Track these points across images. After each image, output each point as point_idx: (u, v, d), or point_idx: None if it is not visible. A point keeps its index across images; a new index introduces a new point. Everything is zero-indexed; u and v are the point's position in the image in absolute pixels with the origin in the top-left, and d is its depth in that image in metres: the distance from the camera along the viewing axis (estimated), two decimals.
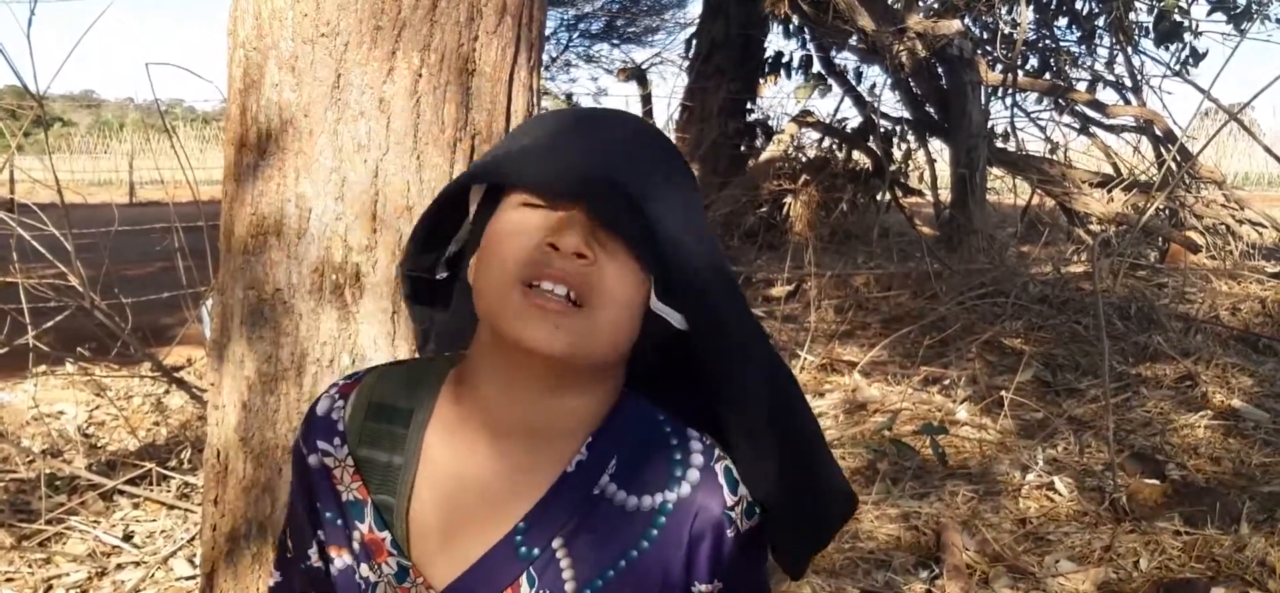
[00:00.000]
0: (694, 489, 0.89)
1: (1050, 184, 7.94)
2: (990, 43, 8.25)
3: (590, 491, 0.89)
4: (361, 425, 0.94)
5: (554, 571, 0.89)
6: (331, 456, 0.94)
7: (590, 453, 0.90)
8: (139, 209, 11.56)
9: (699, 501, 0.89)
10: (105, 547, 2.89)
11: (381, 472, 0.92)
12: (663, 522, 0.89)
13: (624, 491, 0.90)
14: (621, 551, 0.89)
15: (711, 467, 0.90)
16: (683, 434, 0.92)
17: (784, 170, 8.84)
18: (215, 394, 1.71)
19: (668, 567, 0.89)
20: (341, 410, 0.95)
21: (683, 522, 0.89)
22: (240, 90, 1.61)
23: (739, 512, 0.90)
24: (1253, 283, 6.44)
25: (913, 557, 2.90)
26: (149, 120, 23.51)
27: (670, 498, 0.89)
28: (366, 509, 0.92)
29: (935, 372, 4.71)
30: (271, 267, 1.60)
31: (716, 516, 0.89)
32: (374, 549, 0.92)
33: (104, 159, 23.04)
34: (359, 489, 0.92)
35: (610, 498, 0.89)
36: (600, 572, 0.89)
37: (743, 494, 0.91)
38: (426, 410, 0.93)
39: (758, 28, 9.07)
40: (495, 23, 1.59)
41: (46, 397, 4.13)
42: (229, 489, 1.71)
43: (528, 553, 0.88)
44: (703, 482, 0.90)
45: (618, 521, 0.89)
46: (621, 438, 0.91)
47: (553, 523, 0.89)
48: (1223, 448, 3.71)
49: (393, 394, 0.94)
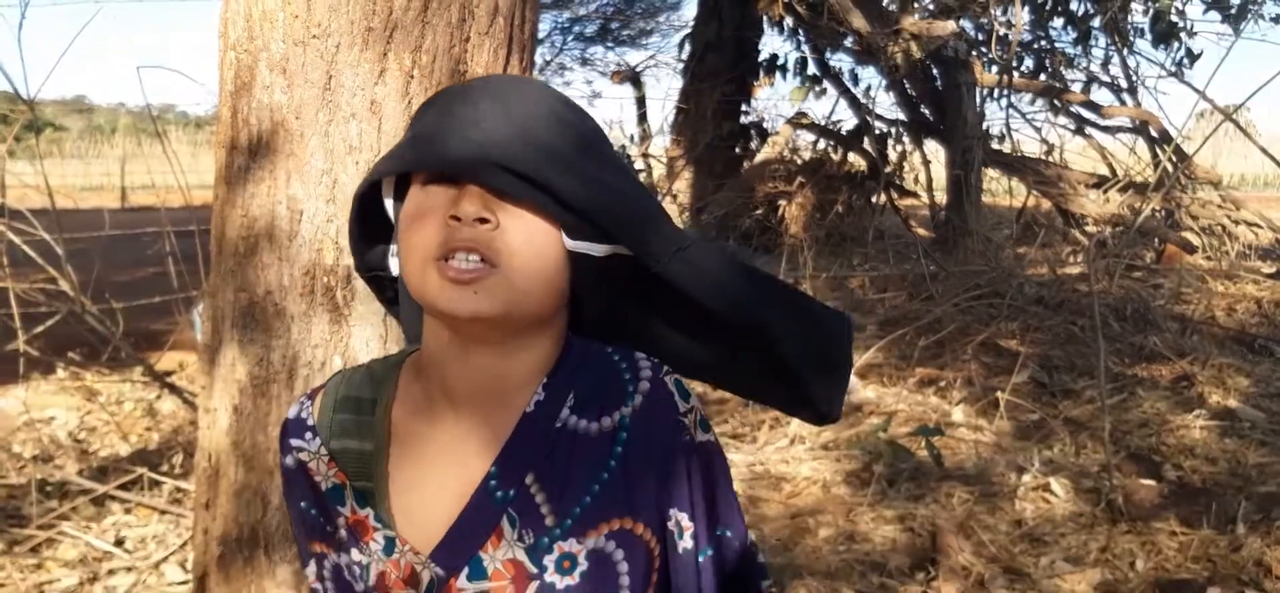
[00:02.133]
0: (645, 399, 0.93)
1: (1046, 185, 7.94)
2: (985, 44, 8.25)
3: (552, 425, 0.93)
4: (331, 420, 0.97)
5: (532, 508, 0.91)
6: (305, 450, 0.97)
7: (546, 393, 0.93)
8: (131, 214, 11.53)
9: (653, 411, 0.93)
10: (97, 552, 2.87)
11: (355, 459, 0.96)
12: (624, 437, 0.93)
13: (583, 419, 0.93)
14: (592, 475, 0.92)
15: (660, 379, 0.94)
16: (630, 357, 0.96)
17: (779, 172, 8.83)
18: (206, 398, 1.70)
19: (643, 480, 0.93)
20: (310, 409, 0.99)
21: (643, 433, 0.93)
22: (231, 92, 1.60)
23: (692, 420, 0.94)
24: (1249, 283, 6.44)
25: (909, 559, 2.89)
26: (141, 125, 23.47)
27: (625, 412, 0.93)
28: (346, 492, 0.96)
29: (931, 373, 4.71)
30: (263, 269, 1.59)
31: (671, 421, 0.93)
32: (360, 530, 0.95)
33: (96, 164, 22.98)
34: (336, 474, 0.96)
35: (573, 429, 0.93)
36: (578, 500, 0.92)
37: (695, 404, 0.95)
38: (389, 396, 0.97)
39: (752, 30, 9.07)
40: (487, 24, 1.58)
41: (37, 402, 4.11)
42: (221, 494, 1.70)
43: (504, 497, 0.92)
44: (653, 392, 0.94)
45: (583, 447, 0.93)
46: (575, 374, 0.94)
47: (521, 463, 0.92)
48: (1219, 448, 3.70)
49: (357, 388, 0.99)
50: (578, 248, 0.90)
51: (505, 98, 0.92)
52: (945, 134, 8.20)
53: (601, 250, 0.92)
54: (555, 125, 0.92)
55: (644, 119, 10.88)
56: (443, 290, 0.86)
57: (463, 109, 0.91)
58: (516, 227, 0.87)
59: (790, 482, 3.48)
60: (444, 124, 0.91)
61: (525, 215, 0.88)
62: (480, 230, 0.86)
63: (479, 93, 0.93)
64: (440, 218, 0.87)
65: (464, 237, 0.86)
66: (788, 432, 3.88)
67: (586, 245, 0.91)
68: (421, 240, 0.88)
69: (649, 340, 1.00)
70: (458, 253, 0.86)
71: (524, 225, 0.88)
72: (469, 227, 0.86)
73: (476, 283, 0.86)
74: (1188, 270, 6.96)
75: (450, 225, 0.87)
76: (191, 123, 21.07)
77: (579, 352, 0.96)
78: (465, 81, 0.95)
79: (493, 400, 0.93)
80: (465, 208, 0.86)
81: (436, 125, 0.91)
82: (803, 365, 0.96)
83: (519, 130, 0.90)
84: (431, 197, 0.89)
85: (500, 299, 0.87)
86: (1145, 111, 8.34)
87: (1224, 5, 7.75)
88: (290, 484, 0.99)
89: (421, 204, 0.89)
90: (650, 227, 0.92)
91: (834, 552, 2.92)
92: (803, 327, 0.96)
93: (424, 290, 0.88)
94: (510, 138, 0.89)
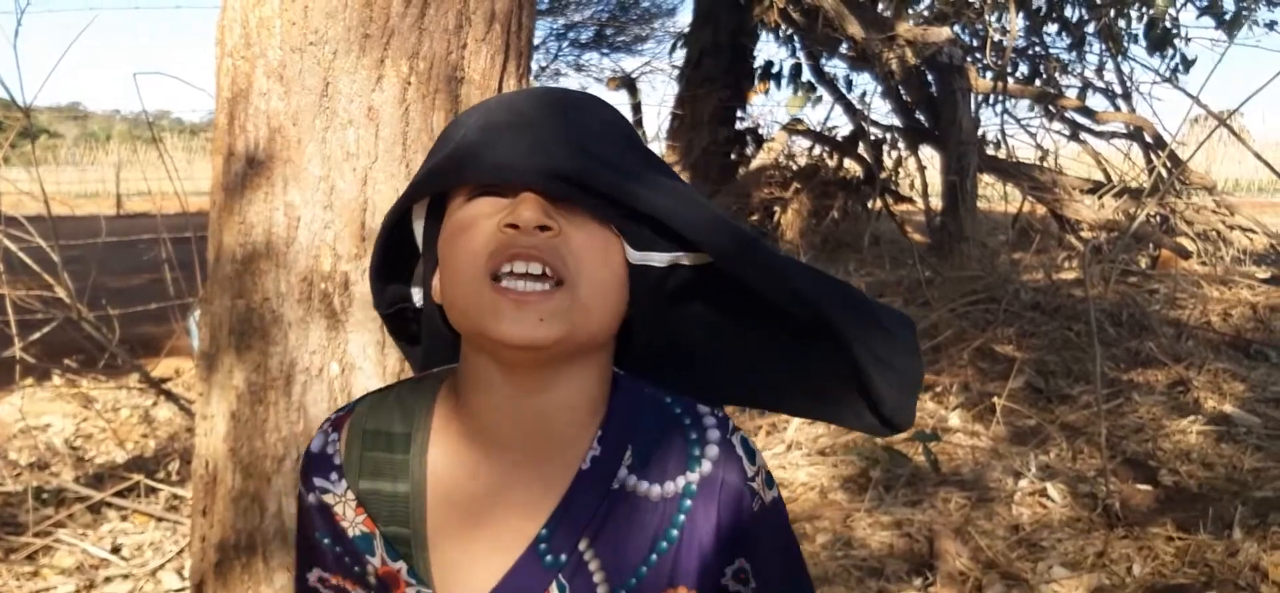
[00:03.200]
0: (715, 465, 0.86)
1: (1041, 191, 7.95)
2: (980, 50, 8.27)
3: (609, 485, 0.85)
4: (360, 456, 0.88)
5: (584, 575, 0.84)
6: (330, 492, 0.88)
7: (603, 447, 0.85)
8: (126, 221, 11.51)
9: (721, 475, 0.86)
10: (93, 560, 2.86)
11: (388, 503, 0.87)
12: (688, 505, 0.85)
13: (645, 480, 0.86)
14: (651, 544, 0.85)
15: (728, 439, 0.87)
16: (694, 412, 0.88)
17: (775, 178, 8.84)
18: (203, 404, 1.70)
19: (701, 551, 0.86)
20: (336, 444, 0.89)
21: (709, 501, 0.86)
22: (228, 99, 1.60)
23: (759, 481, 0.88)
24: (1244, 288, 6.45)
25: (906, 564, 2.90)
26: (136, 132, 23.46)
27: (692, 479, 0.86)
28: (376, 542, 0.87)
29: (927, 379, 4.71)
30: (260, 276, 1.59)
31: (738, 487, 0.86)
32: (390, 582, 0.87)
33: (91, 171, 22.96)
34: (364, 523, 0.87)
35: (631, 490, 0.85)
36: (634, 570, 0.85)
37: (761, 464, 0.89)
38: (424, 432, 0.88)
39: (748, 36, 9.08)
40: (484, 30, 1.59)
41: (33, 409, 4.10)
42: (218, 500, 1.69)
43: (555, 561, 0.84)
44: (722, 456, 0.86)
45: (642, 512, 0.85)
46: (633, 426, 0.86)
47: (576, 525, 0.84)
48: (1215, 453, 3.71)
49: (387, 420, 0.89)
50: (641, 259, 0.83)
51: (552, 104, 0.85)
52: (940, 140, 8.21)
53: (664, 260, 0.84)
54: (609, 129, 0.85)
55: (639, 125, 10.90)
56: (496, 311, 0.77)
57: (507, 117, 0.84)
58: (581, 235, 0.80)
59: (787, 487, 3.48)
60: (489, 135, 0.83)
61: (589, 224, 0.80)
62: (542, 238, 0.78)
63: (523, 101, 0.87)
64: (492, 227, 0.79)
65: (525, 244, 0.77)
66: (784, 437, 3.89)
67: (650, 256, 0.83)
68: (470, 254, 0.79)
69: (704, 362, 0.92)
70: (516, 262, 0.77)
71: (588, 234, 0.80)
72: (529, 234, 0.77)
73: (540, 305, 0.77)
74: (1183, 276, 6.97)
75: (506, 234, 0.78)
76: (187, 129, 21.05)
77: (630, 395, 0.88)
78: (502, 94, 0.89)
79: (540, 446, 0.84)
80: (524, 214, 0.77)
81: (480, 136, 0.83)
82: (872, 367, 0.86)
83: (575, 135, 0.82)
84: (481, 205, 0.81)
85: (565, 320, 0.78)
86: (1140, 118, 8.35)
87: (1218, 12, 7.78)
88: (310, 519, 0.90)
89: (471, 214, 0.81)
90: (719, 227, 0.84)
91: (831, 557, 2.92)
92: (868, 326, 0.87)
93: (474, 312, 0.79)
94: (567, 143, 0.81)
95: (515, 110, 0.85)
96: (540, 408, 0.83)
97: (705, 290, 0.87)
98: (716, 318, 0.90)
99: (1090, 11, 8.31)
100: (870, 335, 0.87)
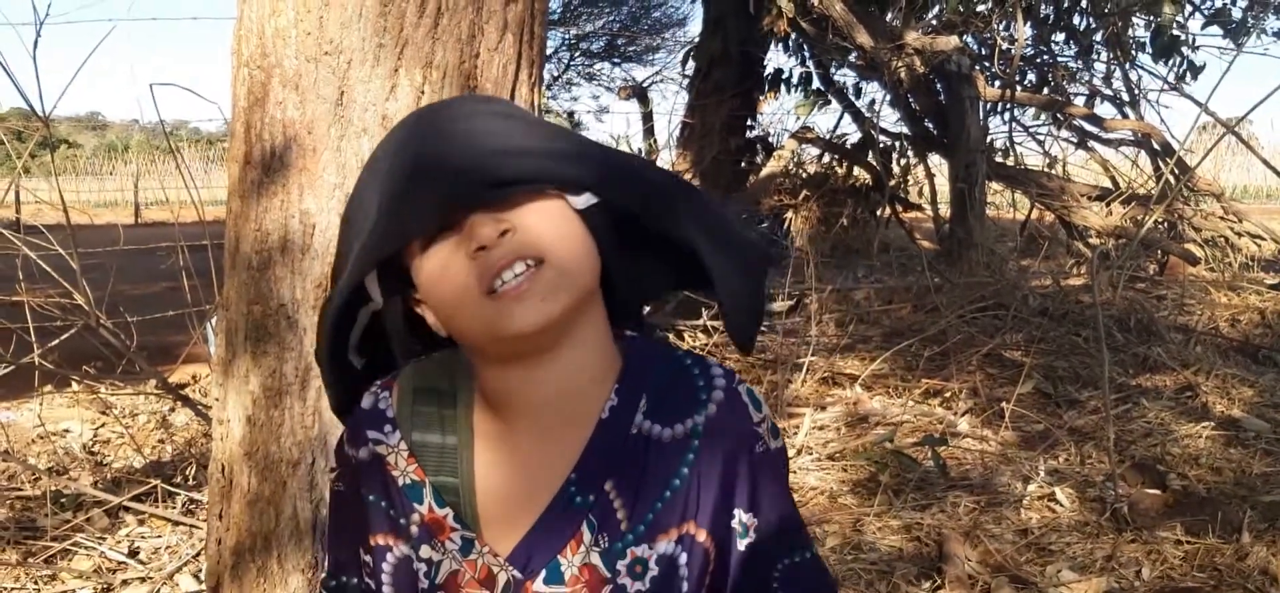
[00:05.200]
0: (720, 408, 0.94)
1: (1049, 198, 7.96)
2: (988, 58, 8.28)
3: (628, 431, 0.93)
4: (412, 410, 0.97)
5: (610, 513, 0.92)
6: (383, 443, 0.96)
7: (619, 397, 0.94)
8: (144, 229, 11.60)
9: (726, 420, 0.94)
10: (111, 563, 2.90)
11: (437, 453, 0.95)
12: (696, 444, 0.93)
13: (658, 424, 0.93)
14: (665, 481, 0.93)
15: (734, 388, 0.95)
16: (703, 363, 0.97)
17: (784, 186, 8.87)
18: (220, 409, 1.73)
19: (710, 489, 0.93)
20: (388, 400, 0.98)
21: (715, 440, 0.93)
22: (244, 108, 1.64)
23: (765, 428, 0.96)
24: (1252, 294, 6.44)
25: (915, 568, 2.91)
26: (154, 142, 23.62)
27: (699, 421, 0.94)
28: (425, 490, 0.95)
29: (936, 384, 4.72)
30: (276, 282, 1.62)
31: (743, 431, 0.94)
32: (435, 528, 0.94)
33: (110, 180, 23.14)
34: (415, 471, 0.95)
35: (647, 434, 0.93)
36: (650, 506, 0.92)
37: (766, 413, 0.96)
38: (469, 390, 0.96)
39: (757, 45, 9.11)
40: (497, 39, 1.62)
41: (52, 415, 4.15)
42: (234, 504, 1.72)
43: (584, 501, 0.92)
44: (727, 400, 0.94)
45: (658, 453, 0.93)
46: (646, 377, 0.95)
47: (600, 468, 0.92)
48: (1223, 458, 3.71)
49: (434, 378, 0.98)
50: (583, 203, 0.91)
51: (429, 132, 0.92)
52: (949, 148, 8.22)
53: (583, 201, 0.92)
54: (494, 120, 0.94)
55: (650, 134, 10.93)
56: (503, 313, 0.86)
57: (400, 164, 0.91)
58: (533, 218, 0.88)
59: (797, 491, 3.50)
60: (401, 186, 0.90)
61: (531, 199, 0.89)
62: (508, 240, 0.86)
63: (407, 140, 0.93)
64: (463, 258, 0.87)
65: (501, 255, 0.86)
66: (795, 443, 3.91)
67: (585, 198, 0.92)
68: (460, 288, 0.87)
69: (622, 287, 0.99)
70: (503, 274, 0.86)
71: (536, 209, 0.88)
72: (497, 246, 0.86)
73: (530, 287, 0.86)
74: (1191, 282, 6.96)
75: (479, 258, 0.86)
76: (204, 139, 21.20)
77: (647, 352, 0.97)
78: (381, 144, 0.96)
79: (567, 407, 0.93)
80: (483, 233, 0.86)
81: (394, 190, 0.91)
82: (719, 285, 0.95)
83: (473, 142, 0.90)
84: (441, 250, 0.89)
85: (561, 289, 0.87)
86: (1147, 125, 8.35)
87: (1225, 20, 7.77)
88: (358, 479, 0.97)
89: (437, 262, 0.89)
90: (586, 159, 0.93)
91: (841, 561, 2.94)
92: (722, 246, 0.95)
93: (486, 327, 0.87)
94: (468, 154, 0.89)
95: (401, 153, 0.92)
96: (557, 374, 0.92)
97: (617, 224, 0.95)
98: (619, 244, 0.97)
99: (1098, 20, 8.31)
100: (721, 254, 0.95)
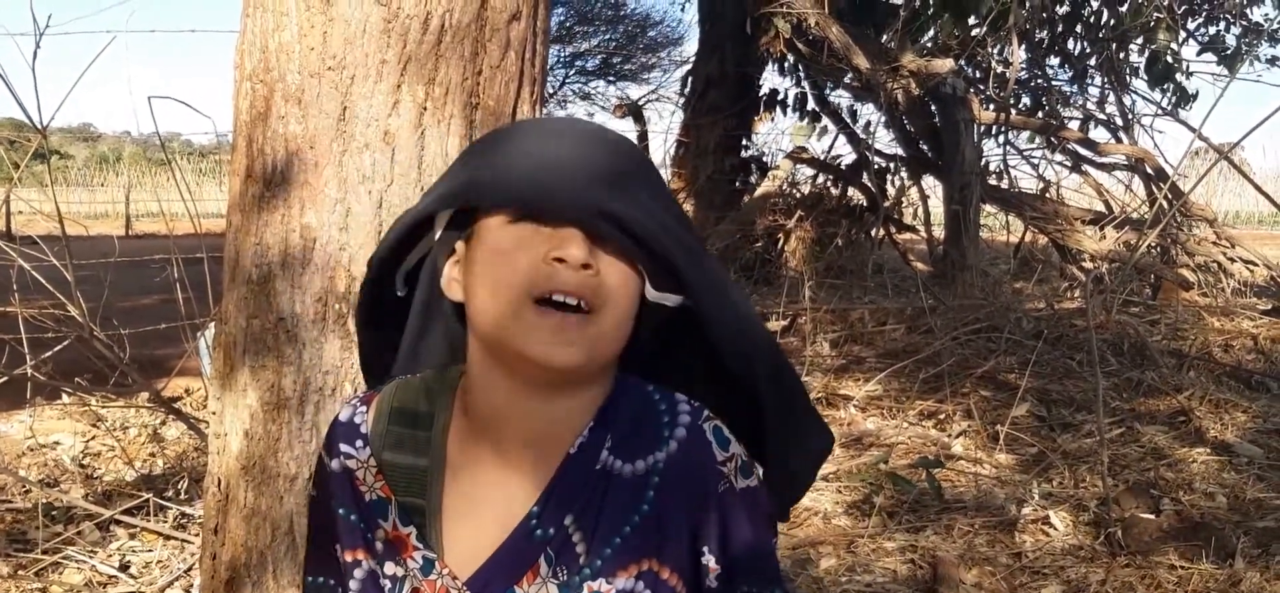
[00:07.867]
0: (681, 446, 0.94)
1: (1043, 221, 7.99)
2: (983, 82, 8.33)
3: (593, 467, 0.94)
4: (385, 430, 0.98)
5: (568, 547, 0.93)
6: (354, 457, 0.98)
7: (590, 434, 0.94)
8: (137, 241, 11.57)
9: (689, 457, 0.94)
10: (102, 577, 2.88)
11: (406, 474, 0.96)
12: (656, 481, 0.94)
13: (620, 460, 0.94)
14: (625, 517, 0.94)
15: (699, 425, 0.95)
16: (671, 399, 0.97)
17: (779, 206, 8.88)
18: (217, 423, 1.72)
19: (674, 524, 0.94)
20: (364, 416, 0.99)
21: (676, 479, 0.94)
22: (247, 122, 1.63)
23: (732, 467, 0.95)
24: (1245, 320, 6.47)
25: (909, 590, 2.91)
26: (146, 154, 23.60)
27: (660, 458, 0.94)
28: (390, 508, 0.96)
29: (931, 406, 4.73)
30: (276, 296, 1.62)
31: (706, 469, 0.94)
32: (398, 546, 0.96)
33: (101, 192, 23.11)
34: (382, 489, 0.96)
35: (610, 470, 0.94)
36: (609, 541, 0.93)
37: (736, 451, 0.95)
38: (446, 414, 0.97)
39: (753, 66, 9.15)
40: (499, 57, 1.62)
41: (43, 427, 4.12)
42: (230, 519, 1.71)
43: (543, 535, 0.93)
44: (690, 439, 0.95)
45: (620, 489, 0.94)
46: (617, 415, 0.95)
47: (563, 503, 0.93)
48: (1217, 483, 3.72)
49: (413, 400, 0.99)
50: (658, 298, 0.93)
51: (594, 142, 0.93)
52: (943, 170, 8.25)
53: (675, 301, 0.94)
54: (642, 171, 0.95)
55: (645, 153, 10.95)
56: (534, 330, 0.86)
57: (552, 148, 0.92)
58: (613, 274, 0.89)
59: (791, 511, 3.49)
60: (535, 163, 0.91)
61: (618, 263, 0.89)
62: (585, 275, 0.86)
63: (568, 135, 0.94)
64: (536, 256, 0.87)
65: (571, 282, 0.86)
66: None
67: (665, 296, 0.93)
68: (515, 275, 0.87)
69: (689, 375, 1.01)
70: (559, 294, 0.86)
71: (619, 273, 0.89)
72: (575, 271, 0.86)
73: (574, 330, 0.86)
74: (1184, 306, 6.99)
75: (552, 267, 0.86)
76: (196, 152, 21.21)
77: (624, 391, 0.97)
78: (544, 120, 0.98)
79: (542, 442, 0.94)
80: (573, 252, 0.86)
81: (527, 162, 0.91)
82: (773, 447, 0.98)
83: (617, 176, 0.91)
84: (526, 232, 0.88)
85: (590, 347, 0.88)
86: (1141, 149, 8.39)
87: (1219, 47, 7.84)
88: (330, 489, 0.99)
89: (517, 239, 0.88)
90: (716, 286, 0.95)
91: (835, 583, 2.93)
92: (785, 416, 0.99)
93: (510, 326, 0.87)
94: (610, 183, 0.89)
95: (560, 142, 0.92)
96: (547, 413, 0.93)
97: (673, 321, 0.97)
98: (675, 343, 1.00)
99: (1092, 45, 8.37)
100: (785, 427, 0.98)
